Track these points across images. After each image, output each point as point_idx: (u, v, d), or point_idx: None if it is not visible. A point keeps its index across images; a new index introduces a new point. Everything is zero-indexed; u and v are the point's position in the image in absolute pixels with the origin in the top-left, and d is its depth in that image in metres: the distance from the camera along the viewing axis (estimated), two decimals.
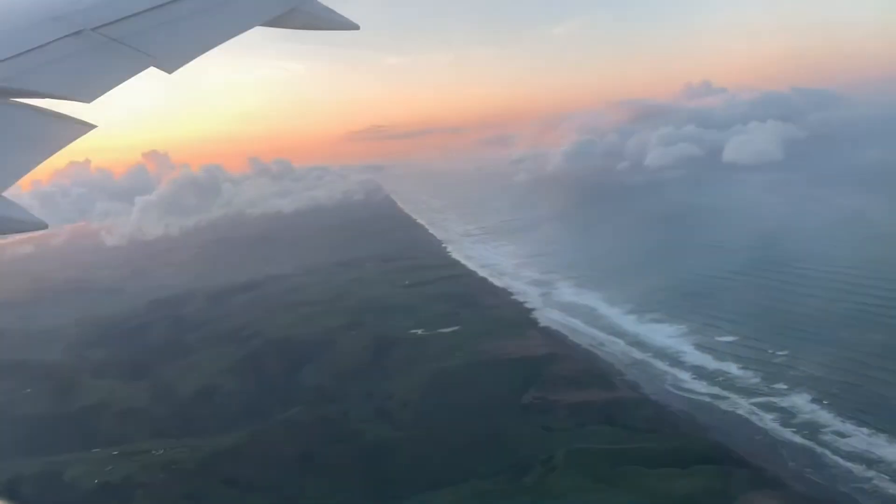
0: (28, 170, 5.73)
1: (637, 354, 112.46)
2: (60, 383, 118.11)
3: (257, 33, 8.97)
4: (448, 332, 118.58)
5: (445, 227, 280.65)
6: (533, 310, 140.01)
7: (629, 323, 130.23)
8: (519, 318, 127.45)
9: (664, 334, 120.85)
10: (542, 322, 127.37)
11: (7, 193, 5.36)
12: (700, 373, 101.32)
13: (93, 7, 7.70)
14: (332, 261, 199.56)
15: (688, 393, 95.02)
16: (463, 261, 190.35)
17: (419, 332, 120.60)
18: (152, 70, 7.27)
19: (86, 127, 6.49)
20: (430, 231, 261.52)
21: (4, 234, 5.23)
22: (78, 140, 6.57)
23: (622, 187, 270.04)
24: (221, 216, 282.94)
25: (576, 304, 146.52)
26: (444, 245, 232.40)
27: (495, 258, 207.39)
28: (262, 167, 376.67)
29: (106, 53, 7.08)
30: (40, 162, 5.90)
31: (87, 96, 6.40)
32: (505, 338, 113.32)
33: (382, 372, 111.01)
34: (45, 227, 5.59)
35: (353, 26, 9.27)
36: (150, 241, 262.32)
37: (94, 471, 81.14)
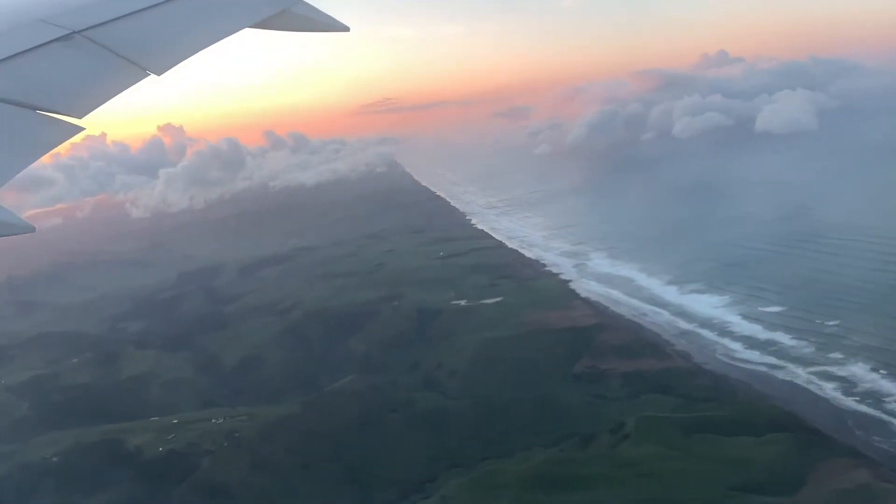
0: (14, 173, 5.57)
1: (683, 325, 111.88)
2: (104, 354, 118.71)
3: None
4: (491, 303, 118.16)
5: (466, 200, 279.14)
6: (569, 281, 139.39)
7: (670, 294, 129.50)
8: (559, 289, 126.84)
9: (708, 305, 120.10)
10: (583, 293, 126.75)
11: None
12: (751, 343, 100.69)
13: (82, 8, 7.53)
14: (360, 233, 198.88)
15: (742, 363, 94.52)
16: (491, 233, 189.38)
17: (462, 303, 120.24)
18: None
19: (74, 129, 6.27)
20: (452, 203, 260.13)
21: None
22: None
23: (649, 158, 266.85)
24: (244, 189, 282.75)
25: (613, 276, 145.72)
26: (468, 217, 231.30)
27: (522, 230, 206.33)
28: (278, 140, 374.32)
29: (98, 63, 6.89)
30: (26, 165, 5.73)
31: (79, 112, 6.27)
32: (549, 309, 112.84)
33: (427, 342, 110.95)
34: (32, 230, 5.46)
35: (343, 28, 9.22)
36: (175, 214, 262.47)
37: (157, 439, 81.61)
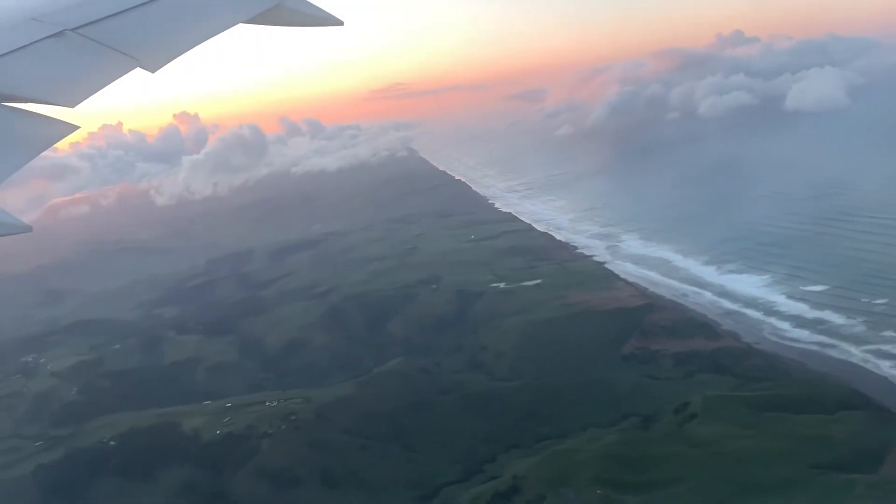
0: (9, 173, 5.56)
1: (727, 305, 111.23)
2: (146, 340, 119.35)
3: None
4: (531, 285, 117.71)
5: (486, 184, 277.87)
6: (604, 263, 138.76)
7: (709, 274, 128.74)
8: (597, 271, 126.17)
9: (749, 284, 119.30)
10: (621, 275, 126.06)
11: None
12: (799, 322, 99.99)
13: (73, 7, 7.52)
14: (386, 217, 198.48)
15: (792, 342, 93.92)
16: (518, 215, 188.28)
17: (501, 285, 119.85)
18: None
19: (69, 128, 6.27)
20: (474, 188, 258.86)
21: None
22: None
23: (674, 138, 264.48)
24: (266, 175, 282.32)
25: (647, 257, 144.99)
26: (490, 201, 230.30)
27: (547, 213, 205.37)
28: (294, 127, 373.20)
29: (88, 56, 6.92)
30: (22, 165, 5.74)
31: (71, 101, 6.25)
32: (591, 290, 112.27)
33: (469, 325, 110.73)
34: (29, 230, 5.44)
35: (338, 22, 9.15)
36: (199, 201, 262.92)
37: (213, 422, 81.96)
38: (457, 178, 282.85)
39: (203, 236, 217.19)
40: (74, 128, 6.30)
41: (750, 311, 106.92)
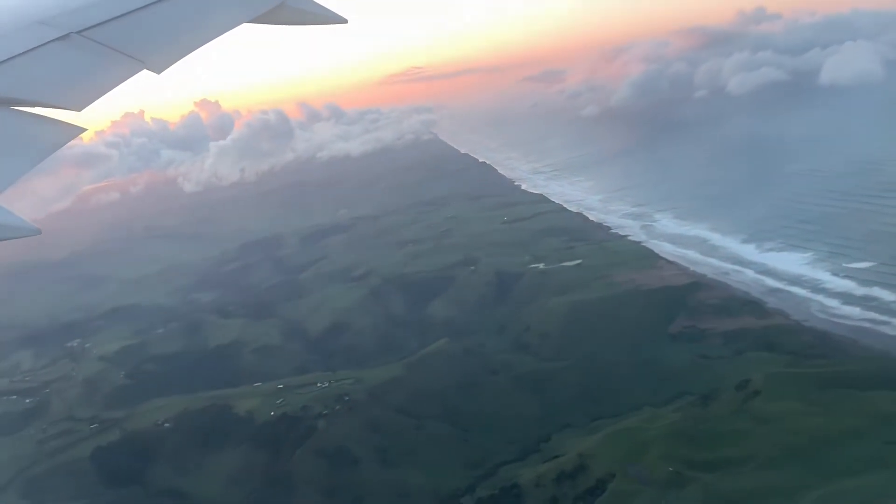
0: (18, 176, 5.56)
1: (771, 283, 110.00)
2: (188, 324, 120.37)
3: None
4: (571, 265, 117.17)
5: (511, 166, 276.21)
6: (640, 242, 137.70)
7: (749, 252, 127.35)
8: (637, 250, 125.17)
9: (791, 262, 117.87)
10: (660, 254, 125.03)
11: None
12: (848, 299, 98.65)
13: (79, 9, 7.54)
14: (415, 200, 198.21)
15: (842, 319, 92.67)
16: (549, 197, 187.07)
17: (540, 266, 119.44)
18: None
19: (75, 130, 6.25)
20: (499, 170, 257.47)
21: None
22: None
23: (703, 116, 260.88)
24: (292, 160, 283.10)
25: (683, 236, 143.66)
26: (517, 183, 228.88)
27: (576, 194, 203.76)
28: (314, 112, 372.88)
29: (95, 59, 6.96)
30: (30, 168, 5.74)
31: (77, 105, 6.29)
32: (632, 270, 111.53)
33: (510, 306, 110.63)
34: (37, 233, 5.41)
35: (341, 20, 9.18)
36: (227, 187, 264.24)
37: (266, 403, 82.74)
38: (480, 160, 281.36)
39: (234, 222, 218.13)
40: (81, 130, 6.29)
41: (795, 289, 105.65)
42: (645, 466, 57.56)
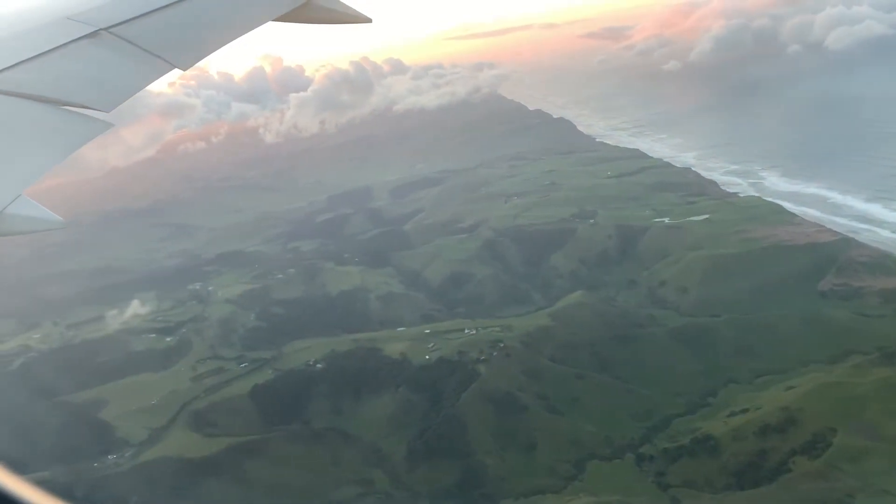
0: (45, 171, 5.58)
1: None
2: (305, 270, 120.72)
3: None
4: (699, 220, 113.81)
5: (586, 123, 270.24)
6: (763, 199, 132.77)
7: (877, 211, 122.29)
8: (764, 206, 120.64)
9: None
10: (791, 210, 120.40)
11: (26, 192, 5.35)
12: None
13: (107, 6, 7.61)
14: (500, 154, 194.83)
15: None
16: (648, 153, 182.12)
17: (665, 220, 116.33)
18: None
19: (103, 125, 6.26)
20: (578, 126, 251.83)
21: (26, 233, 5.28)
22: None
23: (796, 72, 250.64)
24: (369, 113, 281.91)
25: (800, 194, 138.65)
26: (600, 140, 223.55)
27: (665, 150, 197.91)
28: (376, 67, 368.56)
29: (124, 59, 6.97)
30: (58, 162, 5.73)
31: (106, 105, 6.35)
32: (767, 226, 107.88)
33: (639, 260, 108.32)
34: (64, 225, 5.58)
35: (366, 19, 9.11)
36: (307, 138, 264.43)
37: (417, 348, 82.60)
38: (556, 116, 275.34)
39: (317, 173, 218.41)
40: (109, 126, 6.27)
41: None
42: (865, 423, 55.56)
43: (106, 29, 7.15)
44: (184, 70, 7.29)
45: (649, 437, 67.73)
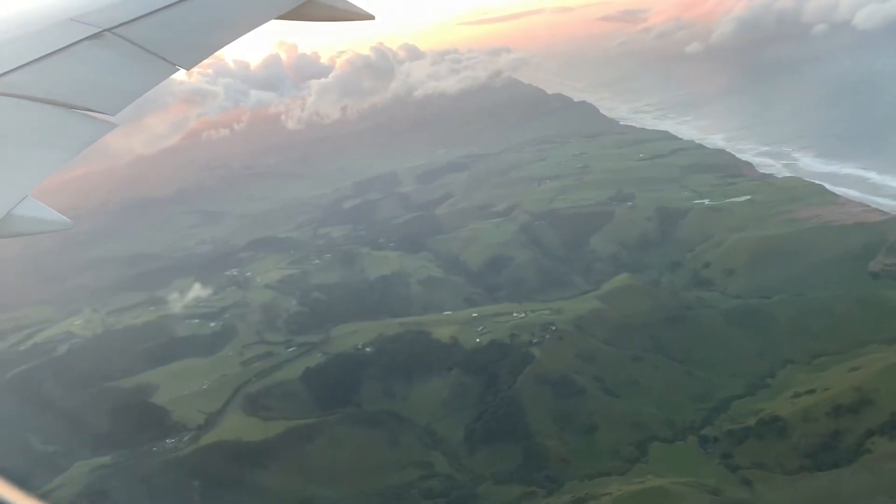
0: (51, 171, 5.61)
1: None
2: (343, 255, 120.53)
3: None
4: (740, 201, 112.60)
5: (608, 106, 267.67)
6: (802, 179, 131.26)
7: None
8: (804, 186, 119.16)
9: None
10: (833, 190, 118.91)
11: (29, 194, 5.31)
12: None
13: (110, 7, 7.64)
14: (527, 139, 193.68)
15: None
16: (677, 134, 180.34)
17: (706, 202, 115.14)
18: None
19: (107, 126, 6.28)
20: (601, 110, 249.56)
21: (32, 233, 5.28)
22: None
23: (823, 52, 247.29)
24: (390, 98, 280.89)
25: (837, 174, 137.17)
26: (624, 122, 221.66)
27: (693, 132, 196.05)
28: (391, 53, 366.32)
29: (129, 61, 6.99)
30: (64, 163, 5.75)
31: (111, 108, 6.38)
32: (811, 206, 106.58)
33: (679, 242, 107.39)
34: (70, 226, 5.58)
35: (369, 16, 9.24)
36: (329, 125, 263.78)
37: (466, 331, 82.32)
38: (577, 100, 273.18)
39: (341, 159, 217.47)
40: (113, 126, 6.28)
41: None
42: None
43: (109, 30, 7.19)
44: (187, 70, 7.37)
45: (710, 419, 67.21)
